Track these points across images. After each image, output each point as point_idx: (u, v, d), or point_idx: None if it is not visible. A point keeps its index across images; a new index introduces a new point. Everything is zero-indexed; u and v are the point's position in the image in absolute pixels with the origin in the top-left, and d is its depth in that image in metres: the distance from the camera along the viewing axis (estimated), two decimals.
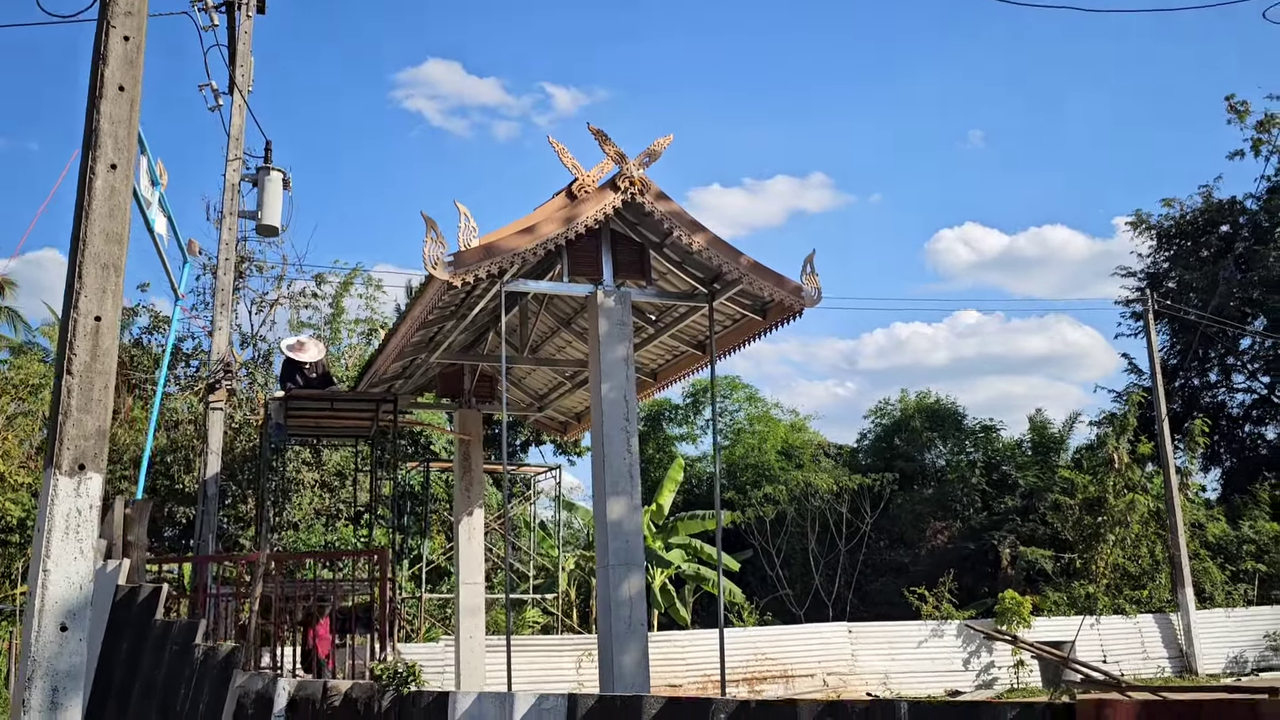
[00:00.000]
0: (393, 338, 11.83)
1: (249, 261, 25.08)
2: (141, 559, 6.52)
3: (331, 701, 5.43)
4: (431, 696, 5.41)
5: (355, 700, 5.46)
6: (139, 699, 5.70)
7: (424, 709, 5.38)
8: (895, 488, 28.89)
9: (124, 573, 6.21)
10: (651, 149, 10.70)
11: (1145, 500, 22.18)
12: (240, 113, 15.04)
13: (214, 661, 5.49)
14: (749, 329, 12.01)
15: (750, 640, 18.35)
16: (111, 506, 6.51)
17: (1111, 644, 20.55)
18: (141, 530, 6.58)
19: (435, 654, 15.76)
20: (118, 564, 6.19)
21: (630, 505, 10.17)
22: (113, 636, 5.92)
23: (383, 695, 5.43)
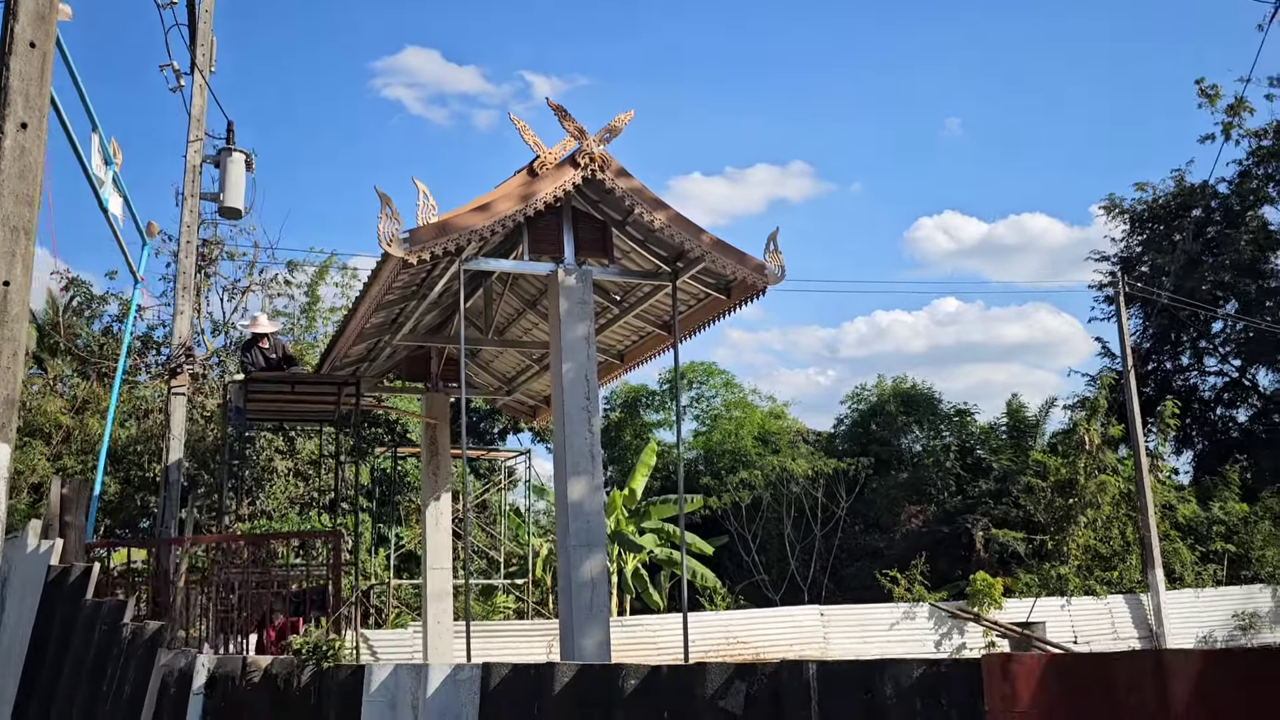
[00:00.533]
0: (352, 319, 11.66)
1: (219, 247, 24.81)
2: (79, 539, 6.37)
3: (251, 678, 5.30)
4: (349, 670, 5.30)
5: (275, 676, 5.34)
6: (69, 676, 5.56)
7: (341, 683, 5.26)
8: (870, 472, 28.92)
9: (57, 552, 6.05)
10: (612, 125, 10.56)
11: (1116, 482, 22.27)
12: (201, 93, 14.79)
13: (140, 640, 5.35)
14: (714, 308, 11.92)
15: (723, 623, 18.31)
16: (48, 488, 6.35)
17: (1082, 625, 20.65)
18: (80, 512, 6.43)
19: (403, 640, 15.64)
20: (51, 544, 6.04)
21: (591, 485, 10.07)
22: (45, 615, 5.78)
23: (302, 670, 5.31)
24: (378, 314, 12.18)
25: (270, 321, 13.15)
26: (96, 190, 11.47)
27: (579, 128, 10.34)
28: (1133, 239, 33.42)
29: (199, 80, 15.04)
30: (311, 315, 26.54)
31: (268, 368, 13.02)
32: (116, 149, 12.13)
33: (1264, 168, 30.43)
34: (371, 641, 15.37)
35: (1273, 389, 32.80)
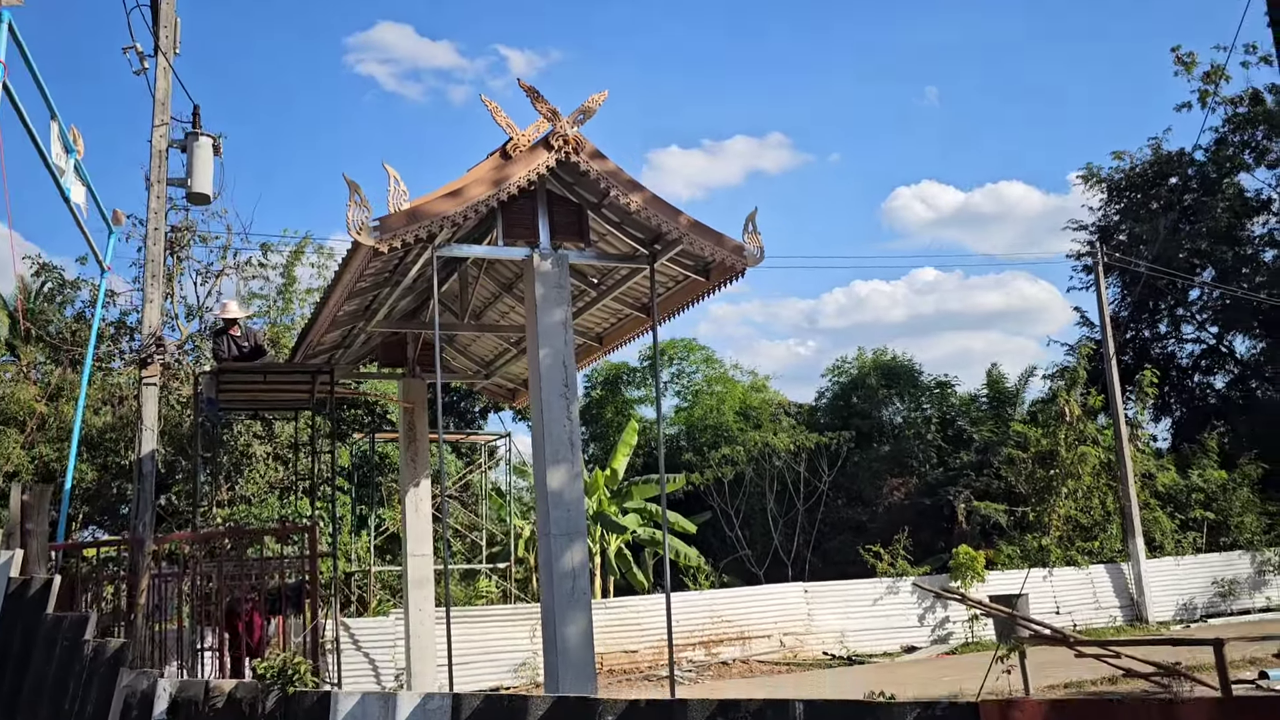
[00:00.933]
0: (324, 307, 11.44)
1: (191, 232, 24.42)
2: (41, 548, 6.17)
3: (214, 703, 5.14)
4: (314, 697, 5.14)
5: (239, 700, 5.18)
6: (30, 695, 5.40)
7: (307, 710, 5.11)
8: (852, 446, 28.93)
9: (17, 564, 5.86)
10: (585, 106, 10.33)
11: (1096, 452, 22.34)
12: (165, 76, 14.38)
13: (102, 659, 5.18)
14: (693, 290, 11.75)
15: (708, 603, 18.28)
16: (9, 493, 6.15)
17: (1064, 595, 20.76)
18: (42, 518, 6.23)
19: (385, 627, 15.52)
20: (10, 554, 5.85)
21: (571, 474, 9.93)
22: (5, 630, 5.60)
23: (267, 695, 5.16)
24: (351, 301, 11.96)
25: (241, 308, 12.91)
26: (57, 180, 11.17)
27: (552, 109, 10.10)
28: (1110, 208, 33.44)
29: (162, 63, 14.66)
30: (288, 297, 26.22)
31: (240, 356, 12.77)
32: (77, 136, 11.81)
33: (1240, 135, 30.44)
34: (353, 630, 15.24)
35: (1249, 355, 33.02)
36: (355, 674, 15.06)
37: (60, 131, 11.22)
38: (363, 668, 15.20)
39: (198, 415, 13.74)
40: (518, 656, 16.00)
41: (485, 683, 15.86)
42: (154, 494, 13.72)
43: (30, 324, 31.18)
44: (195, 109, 14.68)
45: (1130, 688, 11.64)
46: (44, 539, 6.33)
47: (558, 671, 9.51)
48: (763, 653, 18.02)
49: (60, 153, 11.27)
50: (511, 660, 16.04)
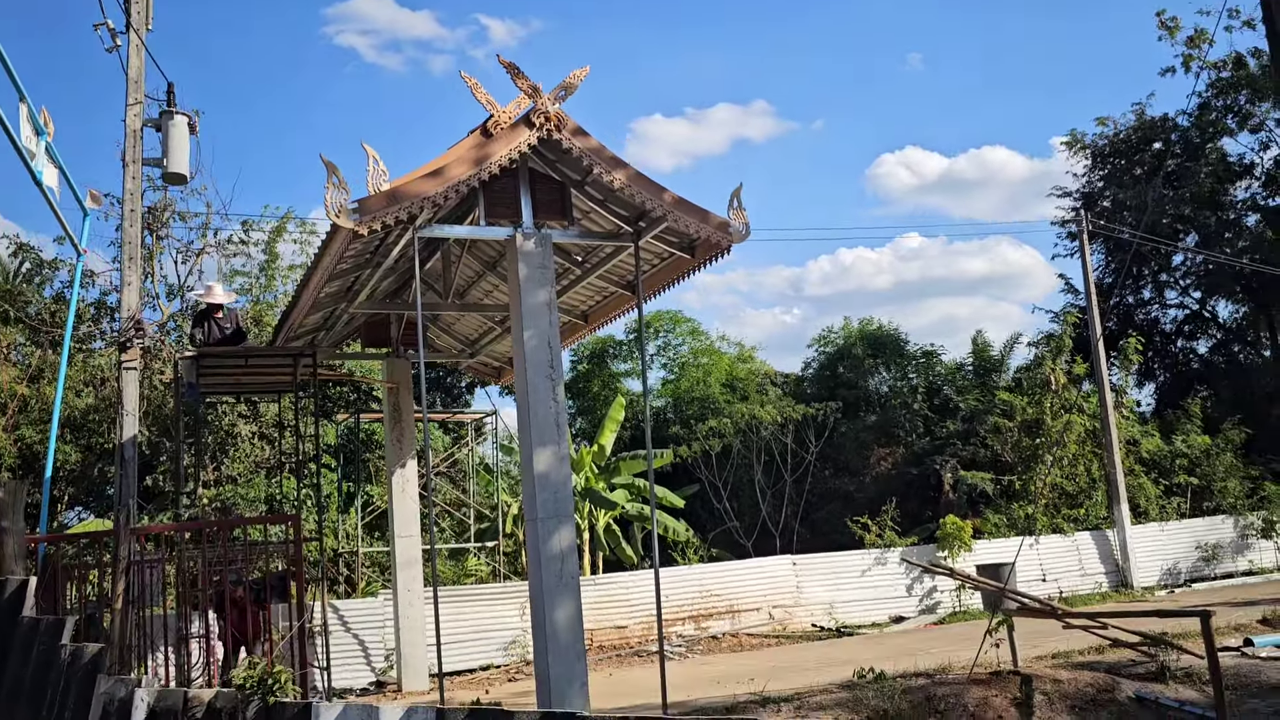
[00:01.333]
0: (305, 290, 11.27)
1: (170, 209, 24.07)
2: (18, 546, 6.06)
3: (194, 713, 5.06)
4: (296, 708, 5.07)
5: (219, 710, 5.11)
6: (6, 700, 5.30)
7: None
8: (839, 416, 28.94)
9: None
10: (567, 82, 10.17)
11: (1081, 420, 22.41)
12: (138, 54, 14.10)
13: (79, 664, 5.09)
14: (678, 267, 11.65)
15: (697, 577, 18.30)
16: None
17: (1051, 563, 20.89)
18: (17, 516, 6.10)
19: (374, 609, 15.47)
20: None
21: (557, 456, 9.85)
22: None
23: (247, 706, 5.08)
24: (332, 283, 11.80)
25: (225, 293, 12.74)
26: (28, 163, 10.94)
27: (533, 85, 9.94)
28: (1094, 174, 33.38)
29: (134, 40, 14.36)
30: (270, 274, 25.94)
31: (222, 340, 12.62)
32: (48, 119, 11.56)
33: (1223, 100, 30.37)
34: (341, 612, 15.18)
35: (1232, 320, 33.15)
36: (345, 656, 15.02)
37: (30, 113, 10.96)
38: (353, 649, 15.17)
39: (179, 401, 13.57)
40: (507, 635, 16.00)
41: (475, 661, 15.87)
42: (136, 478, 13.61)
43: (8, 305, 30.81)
44: (169, 87, 14.43)
45: (1118, 657, 11.70)
46: (20, 537, 6.21)
47: (547, 654, 9.49)
48: (752, 626, 18.09)
49: (30, 135, 11.02)
50: (501, 638, 16.04)
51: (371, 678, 15.18)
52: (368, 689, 14.94)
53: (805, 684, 11.47)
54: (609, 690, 12.92)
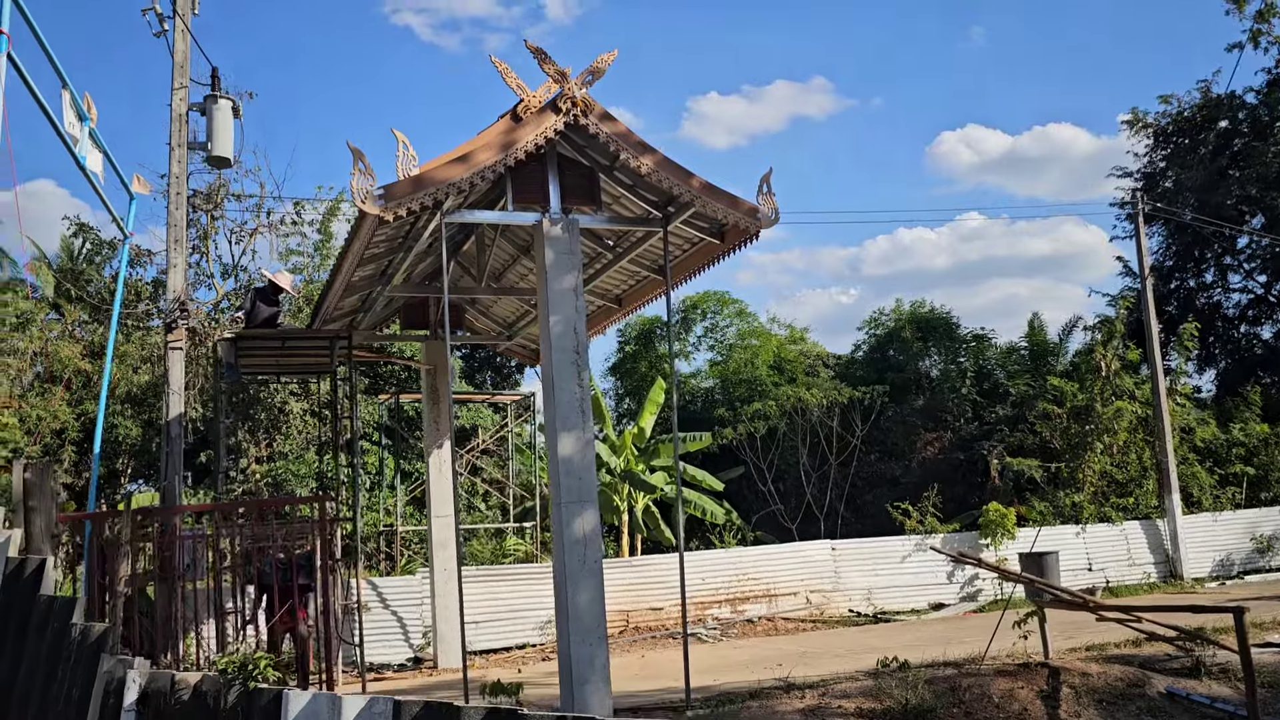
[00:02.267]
0: (337, 274, 11.44)
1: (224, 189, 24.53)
2: (45, 525, 6.26)
3: (180, 695, 5.21)
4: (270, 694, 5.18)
5: (205, 694, 5.24)
6: (25, 677, 5.50)
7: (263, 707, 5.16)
8: (886, 399, 28.65)
9: (15, 543, 5.95)
10: (594, 66, 10.14)
11: (1132, 408, 21.89)
12: (184, 39, 14.38)
13: (87, 644, 5.26)
14: (708, 252, 11.61)
15: (733, 561, 18.30)
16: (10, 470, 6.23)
17: (1097, 552, 20.53)
18: (44, 496, 6.30)
19: (412, 586, 15.73)
20: (8, 534, 5.94)
21: (582, 441, 9.91)
22: (3, 611, 5.70)
23: (229, 690, 5.21)
24: (365, 267, 11.96)
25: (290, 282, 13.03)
26: (71, 148, 11.22)
27: (560, 70, 9.94)
28: (1156, 153, 32.43)
29: (180, 25, 14.62)
30: (325, 254, 26.33)
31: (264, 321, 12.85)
32: (90, 104, 11.83)
33: None
34: (380, 589, 15.47)
35: None
36: (384, 633, 15.32)
37: (73, 99, 11.24)
38: (392, 626, 15.45)
39: (217, 381, 13.88)
40: (543, 614, 16.17)
41: (511, 640, 16.08)
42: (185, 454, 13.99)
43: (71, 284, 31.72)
44: (214, 71, 14.68)
45: (1154, 651, 11.48)
46: (48, 515, 6.42)
47: (569, 636, 9.59)
48: (789, 610, 18.06)
49: (74, 120, 11.30)
50: (537, 618, 16.22)
51: (409, 654, 15.46)
52: (405, 665, 15.23)
53: (834, 670, 11.46)
54: (637, 673, 13.02)
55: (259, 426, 24.81)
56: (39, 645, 5.55)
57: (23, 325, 26.78)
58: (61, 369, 25.59)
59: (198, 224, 24.67)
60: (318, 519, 9.36)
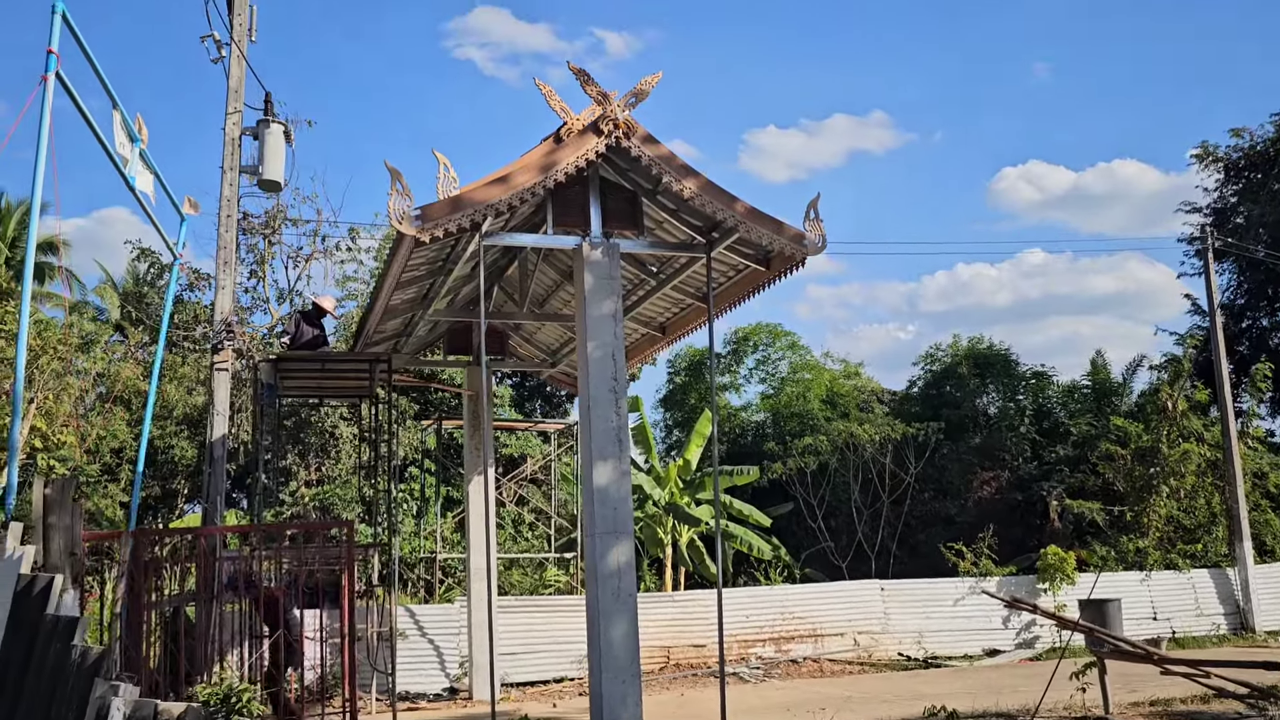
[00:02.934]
0: (377, 296, 11.35)
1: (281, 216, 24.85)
2: (64, 544, 6.15)
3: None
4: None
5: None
6: (29, 698, 5.36)
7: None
8: (941, 437, 27.94)
9: (28, 560, 5.84)
10: (638, 89, 9.96)
11: (1200, 450, 21.00)
12: (239, 64, 14.55)
13: (85, 665, 5.11)
14: (753, 280, 11.31)
15: (778, 599, 17.80)
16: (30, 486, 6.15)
17: (1163, 600, 19.63)
18: (63, 512, 6.19)
19: (449, 615, 15.50)
20: (20, 551, 5.82)
21: (618, 471, 9.62)
22: (13, 629, 5.58)
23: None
24: (406, 289, 11.87)
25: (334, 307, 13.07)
26: (120, 168, 11.30)
27: (602, 92, 9.77)
28: (1227, 188, 31.43)
29: (236, 52, 14.80)
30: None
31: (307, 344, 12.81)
32: (141, 125, 11.94)
33: None
34: (417, 616, 15.27)
35: None
36: (420, 661, 15.10)
37: (123, 120, 11.34)
38: (428, 655, 15.23)
39: (257, 402, 13.86)
40: (581, 648, 15.80)
41: (549, 673, 15.75)
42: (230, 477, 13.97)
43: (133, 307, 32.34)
44: (267, 96, 14.82)
45: (1223, 708, 10.81)
46: (68, 533, 6.31)
47: (601, 672, 9.27)
48: (835, 651, 17.49)
49: (124, 141, 11.40)
50: (576, 651, 15.88)
51: (445, 684, 15.21)
52: (440, 695, 14.98)
53: (878, 717, 10.97)
54: (674, 712, 12.63)
55: (309, 450, 24.93)
56: (43, 664, 5.42)
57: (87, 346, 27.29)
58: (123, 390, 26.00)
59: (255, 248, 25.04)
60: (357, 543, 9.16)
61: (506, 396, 29.21)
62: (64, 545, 6.29)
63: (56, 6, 9.29)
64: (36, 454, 22.88)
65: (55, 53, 9.13)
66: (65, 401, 24.63)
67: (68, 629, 5.48)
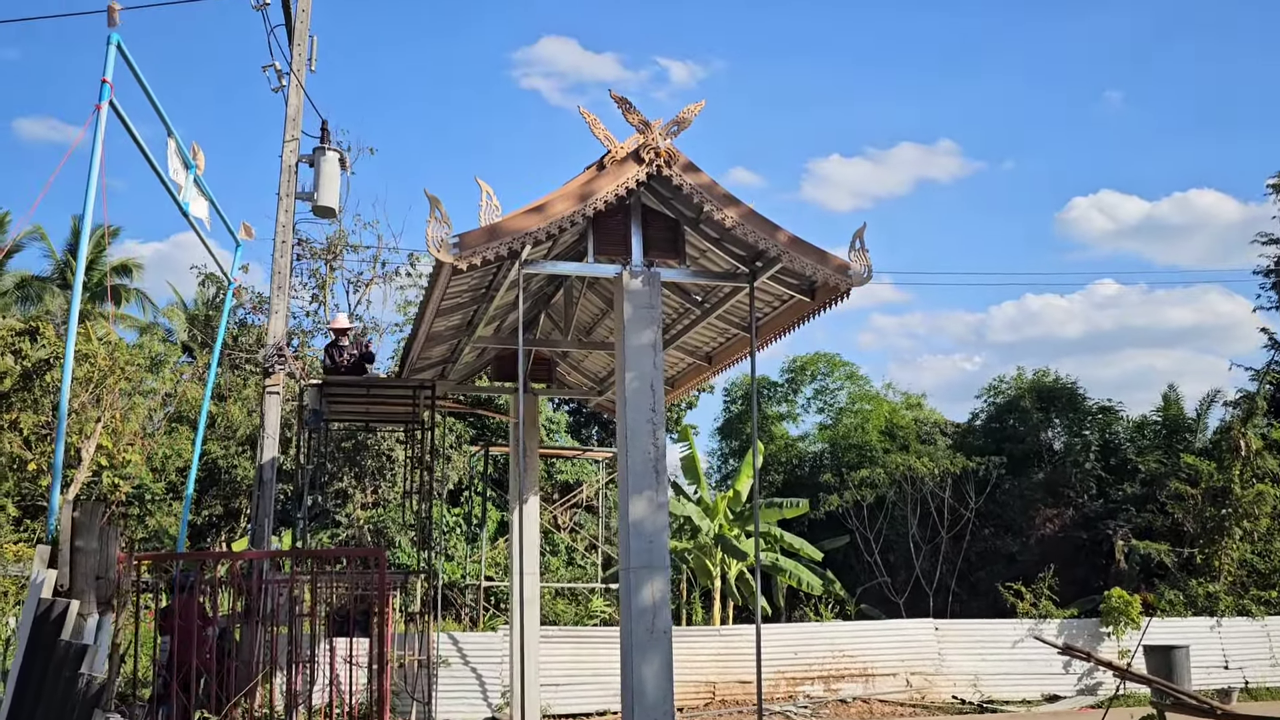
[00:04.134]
0: (420, 323, 11.37)
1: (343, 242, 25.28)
2: (91, 567, 6.16)
3: None
4: None
5: None
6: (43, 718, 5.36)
7: None
8: (1003, 471, 27.20)
9: (50, 584, 5.86)
10: (680, 117, 9.87)
11: (1275, 492, 20.11)
12: (298, 94, 14.81)
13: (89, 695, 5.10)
14: (798, 310, 11.10)
15: (828, 636, 17.40)
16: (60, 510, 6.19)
17: (1235, 649, 18.77)
18: (91, 537, 6.21)
19: (492, 644, 15.42)
20: (45, 574, 5.86)
21: (654, 504, 9.45)
22: (31, 654, 5.61)
23: None
24: (450, 316, 11.87)
25: (349, 320, 13.15)
26: (174, 195, 11.52)
27: (643, 120, 9.70)
28: None
29: (294, 81, 15.06)
30: None
31: (347, 369, 12.90)
32: (197, 151, 12.17)
33: None
34: (460, 644, 15.20)
35: None
36: (462, 690, 15.02)
37: (178, 147, 11.56)
38: (470, 684, 15.14)
39: (300, 427, 13.97)
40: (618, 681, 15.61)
41: (591, 705, 15.56)
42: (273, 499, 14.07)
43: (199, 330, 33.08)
44: (323, 125, 15.03)
45: None
46: (96, 558, 6.34)
47: (633, 712, 9.06)
48: (887, 692, 17.01)
49: (179, 168, 11.62)
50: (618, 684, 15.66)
51: (487, 713, 15.09)
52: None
53: None
54: None
55: (366, 473, 25.16)
56: (54, 691, 5.43)
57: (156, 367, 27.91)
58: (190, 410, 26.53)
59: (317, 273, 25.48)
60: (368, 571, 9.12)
61: (563, 422, 29.20)
62: (90, 569, 6.31)
63: (111, 38, 9.53)
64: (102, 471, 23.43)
65: (109, 82, 9.35)
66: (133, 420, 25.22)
67: (77, 656, 5.48)
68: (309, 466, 15.32)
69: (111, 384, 22.99)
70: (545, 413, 27.33)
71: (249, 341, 27.80)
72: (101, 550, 6.62)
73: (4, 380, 18.49)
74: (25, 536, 18.95)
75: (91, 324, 20.51)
